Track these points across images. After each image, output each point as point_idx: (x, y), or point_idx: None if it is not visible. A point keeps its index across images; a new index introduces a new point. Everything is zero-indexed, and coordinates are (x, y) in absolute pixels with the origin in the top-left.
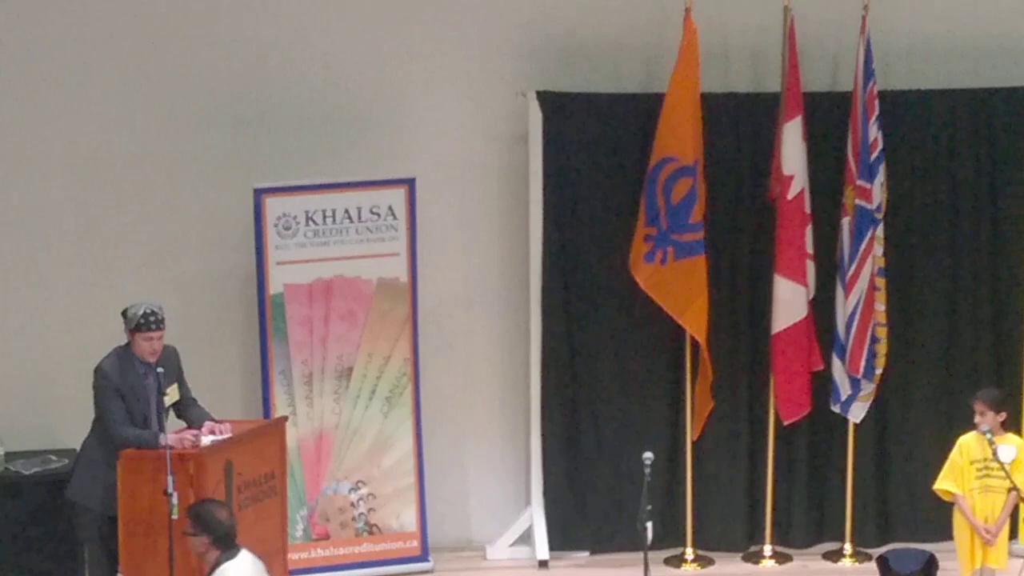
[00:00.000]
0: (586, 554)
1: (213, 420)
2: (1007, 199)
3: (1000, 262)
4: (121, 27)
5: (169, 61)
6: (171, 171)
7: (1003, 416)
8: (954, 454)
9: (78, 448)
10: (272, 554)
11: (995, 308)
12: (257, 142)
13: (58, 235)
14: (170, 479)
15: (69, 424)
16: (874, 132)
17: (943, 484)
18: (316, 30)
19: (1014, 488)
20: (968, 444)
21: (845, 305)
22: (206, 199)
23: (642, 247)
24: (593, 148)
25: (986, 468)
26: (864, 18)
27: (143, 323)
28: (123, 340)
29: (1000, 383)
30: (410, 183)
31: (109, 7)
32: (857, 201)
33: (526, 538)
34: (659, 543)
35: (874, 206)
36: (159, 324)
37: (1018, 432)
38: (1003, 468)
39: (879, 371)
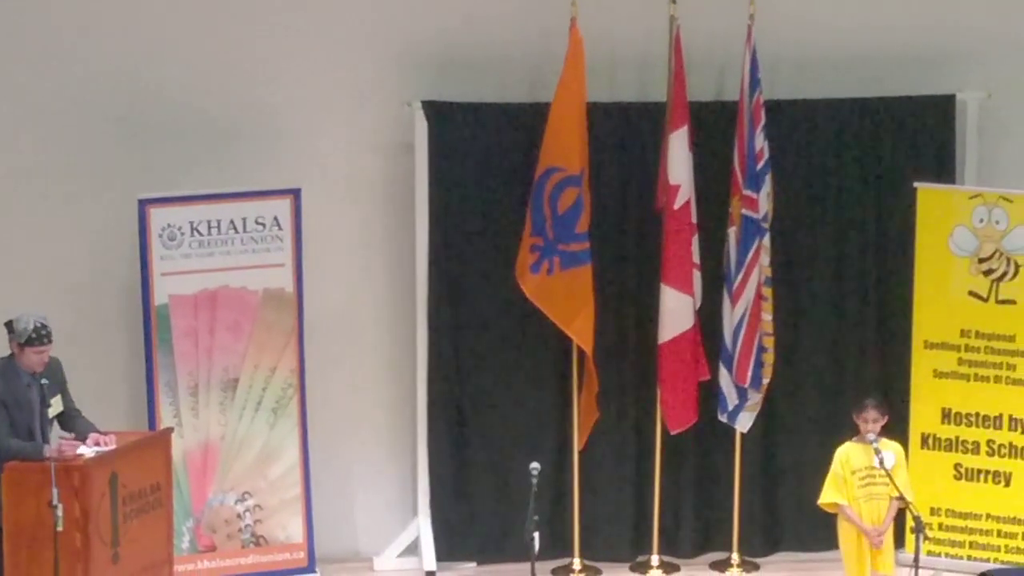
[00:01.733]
0: (473, 565)
1: (98, 431)
2: (893, 208)
3: (886, 271)
4: (0, 38)
5: (50, 72)
6: (54, 182)
7: (886, 419)
8: (835, 466)
9: None
10: (158, 566)
11: (881, 318)
12: (141, 153)
13: None
14: (55, 491)
15: None
16: (760, 142)
17: (827, 498)
18: (199, 40)
19: (900, 496)
20: (847, 454)
21: (732, 315)
22: (90, 210)
23: (528, 257)
24: (479, 158)
25: (869, 476)
26: (750, 28)
27: (35, 337)
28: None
29: (887, 391)
30: (295, 193)
31: None
32: (743, 211)
33: (413, 549)
34: (546, 553)
35: (760, 216)
36: (49, 337)
37: (902, 439)
38: (888, 475)
39: (766, 380)
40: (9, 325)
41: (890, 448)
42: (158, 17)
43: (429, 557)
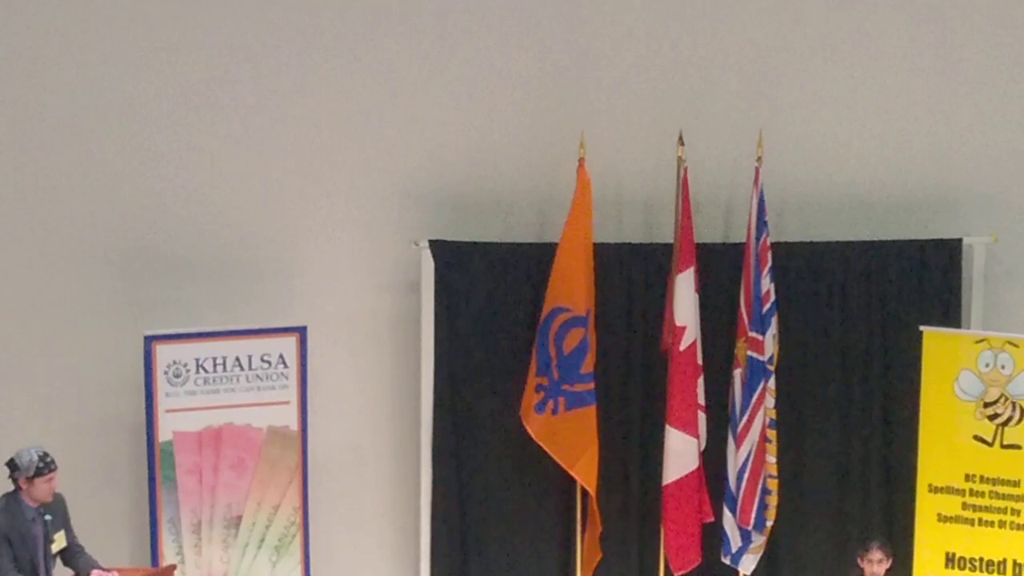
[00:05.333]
0: None
1: (101, 568)
2: (898, 351)
3: (891, 414)
4: (10, 172)
5: (59, 207)
6: (61, 317)
7: (890, 562)
8: None
9: None
10: None
11: (886, 461)
12: (148, 289)
13: None
14: None
15: None
16: (766, 284)
17: None
18: (207, 178)
19: None
20: None
21: (736, 456)
22: (96, 345)
23: (533, 397)
24: (485, 297)
25: None
26: (757, 170)
27: (42, 467)
28: (8, 486)
29: (891, 534)
30: (301, 331)
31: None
32: (749, 352)
33: None
34: None
35: (766, 358)
36: (55, 463)
37: None
38: None
39: (770, 523)
40: (11, 463)
41: None
42: (164, 154)
43: None
